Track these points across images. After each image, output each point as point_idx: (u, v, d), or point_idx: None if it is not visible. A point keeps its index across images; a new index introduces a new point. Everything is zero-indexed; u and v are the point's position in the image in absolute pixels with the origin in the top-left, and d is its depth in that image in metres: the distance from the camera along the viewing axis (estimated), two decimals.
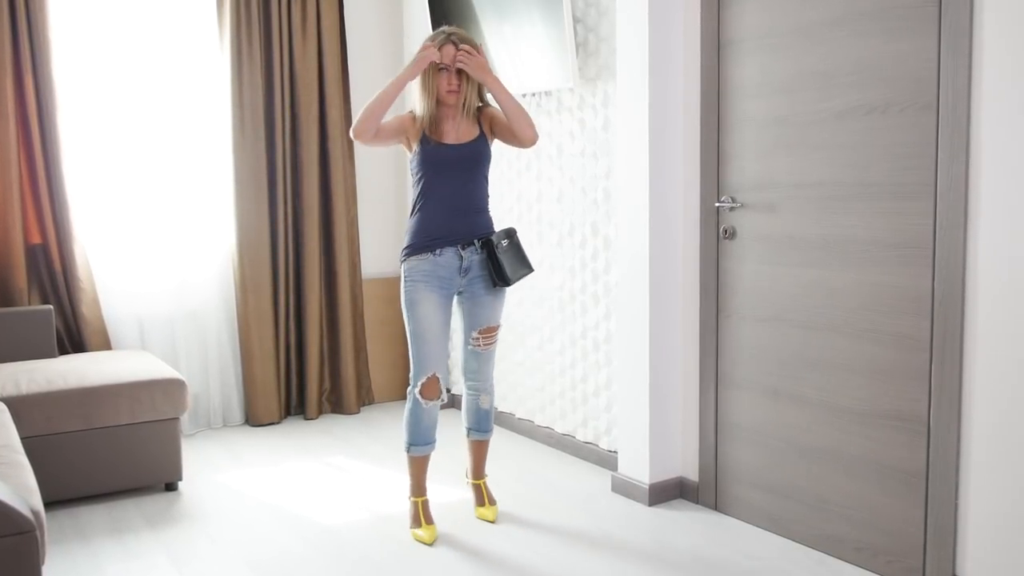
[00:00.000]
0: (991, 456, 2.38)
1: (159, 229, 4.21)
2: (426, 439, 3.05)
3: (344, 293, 4.57)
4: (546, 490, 3.48)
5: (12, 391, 3.24)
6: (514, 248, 3.03)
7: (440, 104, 2.98)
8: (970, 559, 2.45)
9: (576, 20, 3.64)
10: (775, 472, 3.01)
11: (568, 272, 3.84)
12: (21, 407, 3.21)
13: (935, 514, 2.52)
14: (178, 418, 3.50)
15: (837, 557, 2.83)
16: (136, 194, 4.15)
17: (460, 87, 2.95)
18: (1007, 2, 2.26)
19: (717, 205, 3.11)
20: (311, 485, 3.59)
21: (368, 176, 4.78)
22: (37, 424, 3.24)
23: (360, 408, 4.72)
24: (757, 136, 2.97)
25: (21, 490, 2.11)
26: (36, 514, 2.01)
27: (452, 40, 2.93)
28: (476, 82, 2.97)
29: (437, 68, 2.93)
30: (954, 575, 2.49)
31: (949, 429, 2.47)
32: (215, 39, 4.26)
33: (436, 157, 2.96)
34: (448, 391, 3.06)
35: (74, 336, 4.00)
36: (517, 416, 4.24)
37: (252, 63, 4.27)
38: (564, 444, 3.94)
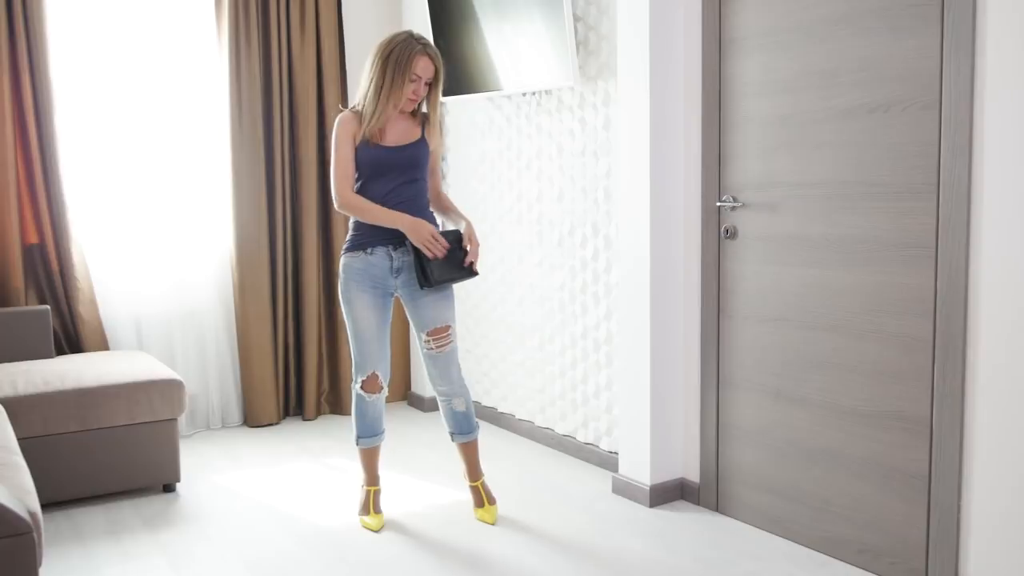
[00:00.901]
0: (994, 457, 2.37)
1: (157, 229, 4.20)
2: (373, 431, 3.15)
3: None
4: (546, 491, 3.47)
5: (9, 392, 3.22)
6: (450, 251, 2.99)
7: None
8: (973, 561, 2.44)
9: (576, 18, 3.62)
10: (777, 473, 2.99)
11: (568, 272, 3.83)
12: (18, 408, 3.19)
13: (938, 516, 2.51)
14: (176, 419, 3.48)
15: (839, 559, 2.82)
16: (134, 194, 4.13)
17: (421, 95, 2.99)
18: (1011, 1, 2.25)
19: (719, 204, 3.10)
20: (309, 486, 3.57)
21: None
22: (34, 425, 3.23)
23: None
24: (759, 135, 2.96)
25: (18, 491, 2.10)
26: (33, 516, 2.00)
27: (428, 53, 2.95)
28: (437, 91, 3.02)
29: (410, 80, 2.93)
30: None
31: (952, 430, 2.46)
32: (213, 38, 4.25)
33: (375, 159, 2.98)
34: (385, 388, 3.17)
35: (71, 336, 3.99)
36: (517, 417, 4.22)
37: (250, 63, 4.25)
38: (565, 445, 3.93)
